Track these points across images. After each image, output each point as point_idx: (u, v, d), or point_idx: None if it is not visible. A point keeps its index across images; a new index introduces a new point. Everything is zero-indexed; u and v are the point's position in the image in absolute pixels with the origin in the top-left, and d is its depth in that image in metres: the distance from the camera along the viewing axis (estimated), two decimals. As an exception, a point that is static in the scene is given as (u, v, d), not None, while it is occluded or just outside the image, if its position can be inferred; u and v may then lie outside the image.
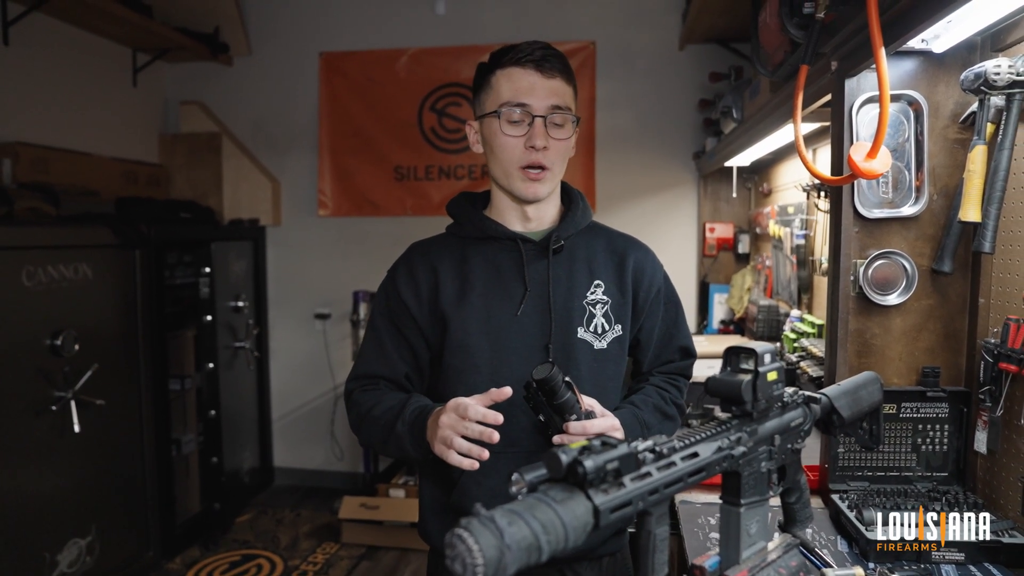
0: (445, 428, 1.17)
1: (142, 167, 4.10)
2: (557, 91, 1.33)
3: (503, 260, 1.38)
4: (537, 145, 1.31)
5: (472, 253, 1.39)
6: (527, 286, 1.36)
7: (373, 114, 4.34)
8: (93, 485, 2.94)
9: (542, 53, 1.33)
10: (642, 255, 1.46)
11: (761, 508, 0.96)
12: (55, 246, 2.80)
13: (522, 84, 1.32)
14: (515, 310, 1.35)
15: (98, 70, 3.90)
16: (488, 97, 1.36)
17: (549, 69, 1.32)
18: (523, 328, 1.34)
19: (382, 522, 3.65)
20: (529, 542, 0.63)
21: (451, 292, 1.37)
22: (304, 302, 4.47)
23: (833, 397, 1.10)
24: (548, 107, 1.32)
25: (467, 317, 1.35)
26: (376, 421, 1.33)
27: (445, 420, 1.17)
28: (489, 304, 1.35)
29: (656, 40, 4.07)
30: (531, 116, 1.31)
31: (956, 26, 1.35)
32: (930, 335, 1.58)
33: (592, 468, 0.69)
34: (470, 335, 1.34)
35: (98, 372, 2.88)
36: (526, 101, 1.31)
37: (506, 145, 1.33)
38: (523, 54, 1.32)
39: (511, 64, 1.33)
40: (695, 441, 0.84)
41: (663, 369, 1.51)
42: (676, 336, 1.51)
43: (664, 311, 1.48)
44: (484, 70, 1.38)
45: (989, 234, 1.35)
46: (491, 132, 1.36)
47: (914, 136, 1.53)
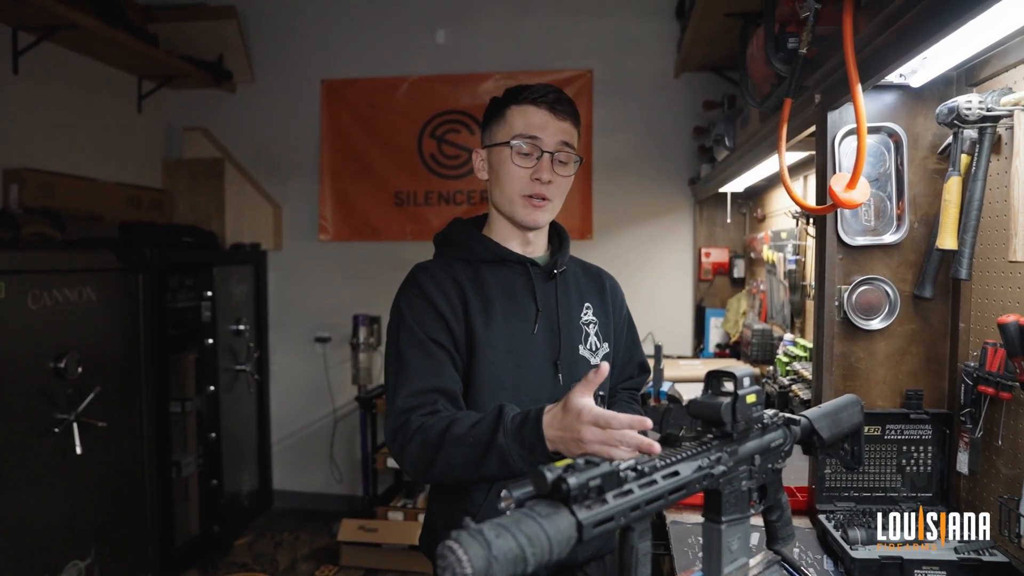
0: (594, 444, 1.06)
1: (145, 192, 4.16)
2: (566, 131, 1.44)
3: (515, 282, 1.47)
4: (543, 178, 1.40)
5: (485, 275, 1.46)
6: (539, 307, 1.44)
7: (374, 140, 4.42)
8: (93, 507, 2.97)
9: (556, 96, 1.43)
10: (613, 282, 1.64)
11: (742, 525, 1.00)
12: (60, 270, 2.85)
13: (535, 120, 1.41)
14: (531, 328, 1.43)
15: (104, 97, 3.99)
16: (500, 129, 1.45)
17: (561, 112, 1.42)
18: (537, 346, 1.44)
19: (381, 545, 3.66)
20: (515, 554, 0.67)
21: (478, 310, 1.42)
22: (304, 326, 4.52)
23: (813, 419, 1.14)
24: (557, 143, 1.42)
25: (494, 335, 1.41)
26: (462, 442, 1.21)
27: (590, 436, 1.06)
28: (510, 323, 1.43)
29: (652, 68, 4.16)
30: (540, 151, 1.41)
31: (931, 62, 1.41)
32: (913, 359, 1.62)
33: (575, 485, 0.73)
34: (498, 352, 1.41)
35: (100, 394, 2.91)
36: (538, 135, 1.41)
37: (514, 174, 1.42)
38: (538, 95, 1.42)
39: (527, 102, 1.43)
40: (676, 460, 0.88)
41: (625, 385, 1.65)
42: (635, 354, 1.67)
43: (628, 331, 1.63)
44: (499, 104, 1.47)
45: (965, 261, 1.41)
46: (500, 160, 1.44)
47: (895, 166, 1.58)
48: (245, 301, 4.20)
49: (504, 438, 1.17)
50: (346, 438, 4.51)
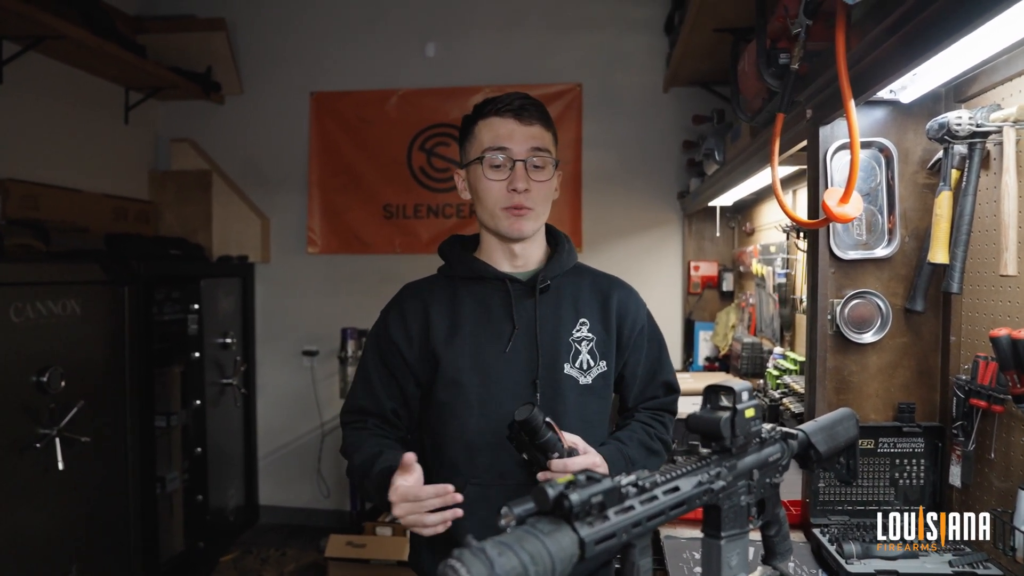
0: (407, 518, 1.23)
1: (132, 203, 4.13)
2: (536, 135, 1.40)
3: (492, 299, 1.43)
4: (519, 187, 1.37)
5: (463, 293, 1.44)
6: (515, 324, 1.40)
7: (363, 153, 4.41)
8: (76, 523, 2.91)
9: (520, 103, 1.40)
10: (625, 294, 1.53)
11: (741, 541, 0.99)
12: (44, 282, 2.81)
13: (501, 131, 1.38)
14: (504, 347, 1.39)
15: (91, 108, 3.96)
16: (471, 146, 1.43)
17: (527, 117, 1.39)
18: (511, 365, 1.39)
19: (369, 560, 3.62)
20: (518, 572, 0.66)
21: (441, 330, 1.41)
22: (292, 339, 4.48)
23: (810, 433, 1.14)
24: (527, 150, 1.39)
25: (457, 354, 1.39)
26: (356, 468, 1.40)
27: (400, 512, 1.23)
28: (478, 341, 1.40)
29: (641, 83, 4.18)
30: (512, 160, 1.38)
31: (921, 78, 1.42)
32: (905, 372, 1.63)
33: (578, 501, 0.72)
34: (461, 371, 1.39)
35: (84, 409, 2.86)
36: (506, 145, 1.38)
37: (490, 189, 1.39)
38: (502, 104, 1.39)
39: (491, 114, 1.40)
40: (676, 476, 0.88)
41: (648, 405, 1.55)
42: (660, 372, 1.56)
43: (648, 348, 1.53)
44: (467, 122, 1.45)
45: (956, 275, 1.42)
46: (475, 177, 1.42)
47: (885, 181, 1.60)
48: (232, 314, 4.17)
49: (370, 484, 1.34)
50: (333, 453, 4.46)
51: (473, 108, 1.45)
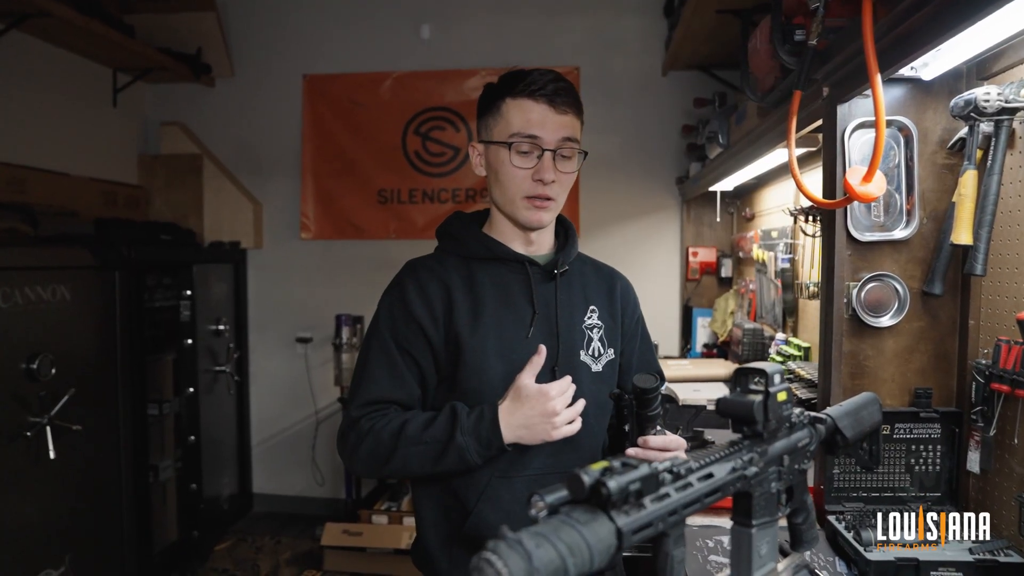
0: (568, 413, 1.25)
1: (121, 188, 4.05)
2: (567, 125, 1.33)
3: (511, 282, 1.38)
4: (546, 179, 1.31)
5: (479, 274, 1.38)
6: (535, 309, 1.36)
7: (357, 137, 4.34)
8: (68, 513, 2.86)
9: (554, 87, 1.32)
10: (625, 284, 1.53)
11: (771, 529, 0.96)
12: (33, 267, 2.73)
13: (533, 116, 1.31)
14: (526, 332, 1.35)
15: (78, 90, 3.86)
16: (497, 124, 1.35)
17: (561, 104, 1.32)
18: (532, 351, 1.33)
19: (365, 549, 3.59)
20: (556, 565, 0.62)
21: (464, 312, 1.35)
22: (285, 326, 4.42)
23: (836, 418, 1.10)
24: (558, 140, 1.32)
25: (482, 339, 1.34)
26: (417, 442, 1.27)
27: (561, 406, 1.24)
28: (501, 326, 1.35)
29: (639, 66, 4.13)
30: (541, 149, 1.31)
31: (945, 55, 1.38)
32: (921, 356, 1.60)
33: (616, 489, 0.68)
34: (487, 357, 1.33)
35: (75, 397, 2.80)
36: (537, 133, 1.31)
37: (514, 176, 1.33)
38: (536, 86, 1.31)
39: (523, 95, 1.32)
40: (710, 462, 0.84)
41: None
42: (651, 361, 1.56)
43: (642, 338, 1.54)
44: (493, 94, 1.37)
45: (981, 256, 1.38)
46: (498, 161, 1.35)
47: (904, 161, 1.56)
48: (225, 301, 4.10)
49: (462, 436, 1.24)
50: (328, 440, 4.42)
51: (500, 80, 1.36)
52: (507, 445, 1.25)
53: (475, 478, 1.33)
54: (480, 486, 1.33)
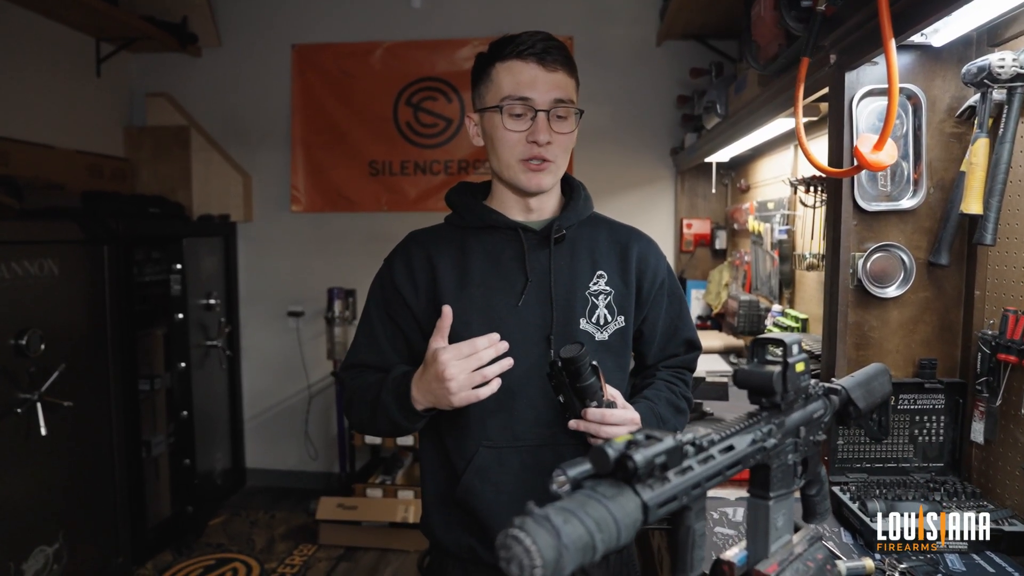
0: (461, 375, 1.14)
1: (107, 160, 3.97)
2: (560, 84, 1.30)
3: (503, 250, 1.35)
4: (540, 140, 1.28)
5: (472, 243, 1.36)
6: (528, 276, 1.33)
7: (347, 108, 4.26)
8: (60, 490, 2.83)
9: (543, 45, 1.28)
10: (645, 245, 1.45)
11: (787, 501, 0.95)
12: (20, 241, 2.68)
13: (523, 78, 1.28)
14: (516, 300, 1.32)
15: (60, 59, 3.76)
16: (488, 91, 1.32)
17: (551, 62, 1.28)
18: (524, 319, 1.32)
19: (360, 522, 3.60)
20: (585, 541, 0.60)
21: (449, 282, 1.33)
22: (277, 299, 4.38)
23: (849, 388, 1.09)
24: (551, 101, 1.28)
25: (467, 308, 1.31)
26: (363, 397, 1.33)
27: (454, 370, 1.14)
28: (489, 294, 1.32)
29: (633, 36, 4.07)
30: (533, 110, 1.28)
31: (956, 21, 1.35)
32: (926, 327, 1.59)
33: (643, 462, 0.66)
34: (470, 326, 1.30)
35: (65, 372, 2.76)
36: (528, 95, 1.27)
37: (508, 139, 1.30)
38: (524, 46, 1.28)
39: (512, 57, 1.29)
40: (730, 434, 0.82)
41: (669, 363, 1.50)
42: (681, 329, 1.50)
43: (668, 303, 1.46)
44: (483, 62, 1.33)
45: (991, 226, 1.37)
46: (492, 126, 1.32)
47: (912, 130, 1.53)
48: (215, 275, 4.05)
49: (385, 395, 1.27)
50: (321, 414, 4.41)
51: (489, 47, 1.33)
52: (422, 411, 1.23)
53: (464, 445, 1.33)
54: (468, 454, 1.33)
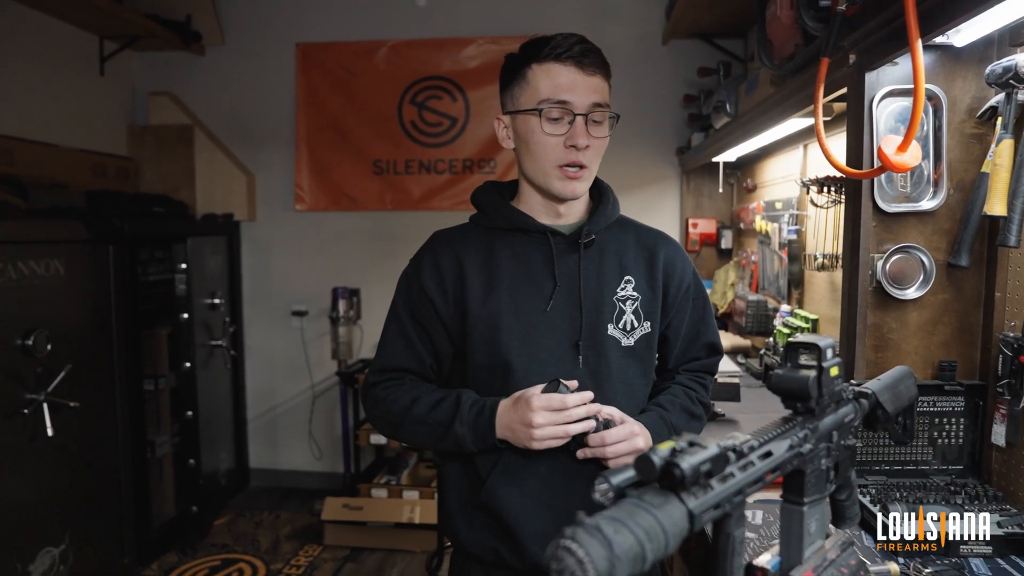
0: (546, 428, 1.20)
1: (111, 159, 3.95)
2: (597, 88, 1.29)
3: (532, 253, 1.34)
4: (579, 144, 1.27)
5: (499, 245, 1.35)
6: (557, 281, 1.32)
7: (351, 107, 4.25)
8: (66, 491, 2.82)
9: (581, 48, 1.28)
10: (672, 251, 1.44)
11: (820, 506, 0.94)
12: (25, 241, 2.66)
13: (562, 81, 1.27)
14: (544, 305, 1.31)
15: (63, 58, 3.74)
16: (523, 93, 1.31)
17: (589, 66, 1.28)
18: (552, 324, 1.31)
19: (366, 523, 3.59)
20: (636, 552, 0.59)
21: (478, 286, 1.33)
22: (281, 299, 4.37)
23: (878, 392, 1.08)
24: (589, 105, 1.28)
25: (495, 312, 1.31)
26: (423, 421, 1.31)
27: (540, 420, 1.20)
28: (517, 299, 1.31)
29: (638, 35, 4.06)
30: (572, 114, 1.27)
31: (981, 20, 1.34)
32: (945, 329, 1.59)
33: (689, 470, 0.65)
34: (499, 331, 1.30)
35: (71, 373, 2.74)
36: (567, 98, 1.27)
37: (546, 144, 1.29)
38: (562, 49, 1.27)
39: (550, 59, 1.28)
40: (768, 439, 0.82)
41: (690, 367, 1.49)
42: (704, 333, 1.48)
43: (692, 307, 1.45)
44: (517, 63, 1.32)
45: (1015, 228, 1.36)
46: (528, 129, 1.31)
47: (932, 130, 1.52)
48: (219, 274, 4.04)
49: (460, 427, 1.27)
50: (325, 414, 4.39)
51: (522, 48, 1.32)
52: (498, 441, 1.27)
53: (494, 451, 1.32)
54: (494, 457, 1.32)
